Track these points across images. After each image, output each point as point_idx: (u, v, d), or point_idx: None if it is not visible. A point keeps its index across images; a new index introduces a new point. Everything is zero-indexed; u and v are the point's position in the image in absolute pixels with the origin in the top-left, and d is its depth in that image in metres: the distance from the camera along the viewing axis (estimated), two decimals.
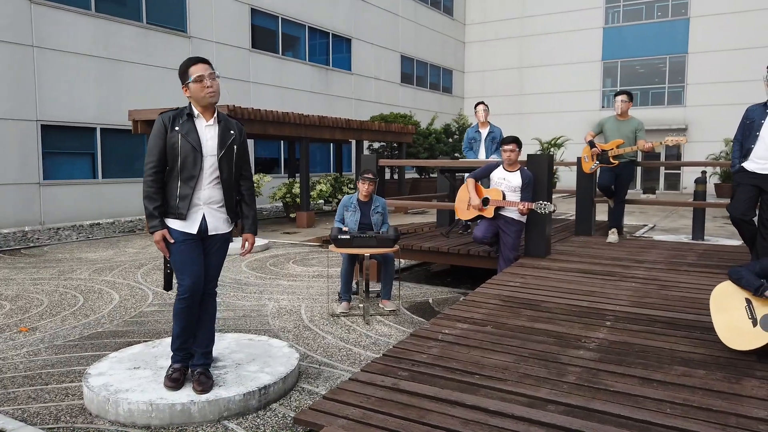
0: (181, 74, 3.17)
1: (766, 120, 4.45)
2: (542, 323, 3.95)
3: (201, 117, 3.19)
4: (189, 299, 3.12)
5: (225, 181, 3.22)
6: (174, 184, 3.12)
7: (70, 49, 12.53)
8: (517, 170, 5.52)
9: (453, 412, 2.77)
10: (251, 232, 3.50)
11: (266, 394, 3.21)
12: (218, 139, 3.19)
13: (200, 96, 3.14)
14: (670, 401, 2.80)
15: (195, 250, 3.16)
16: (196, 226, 3.16)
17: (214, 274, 3.32)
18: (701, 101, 25.26)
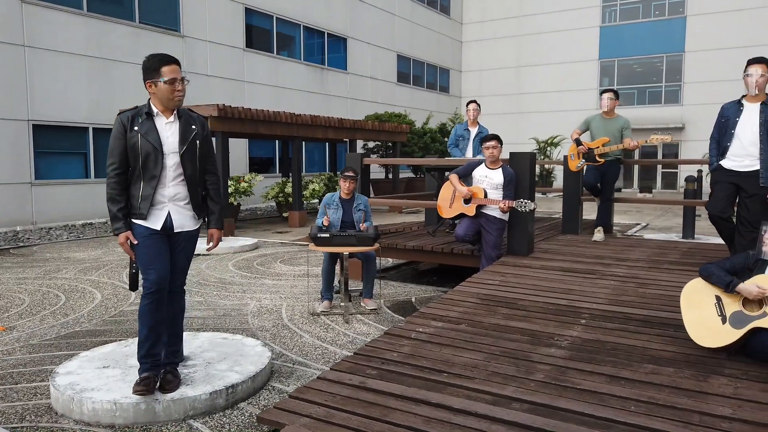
0: (149, 70, 3.10)
1: (741, 117, 4.43)
2: (517, 321, 3.93)
3: (161, 115, 3.16)
4: (155, 294, 3.10)
5: (189, 178, 3.20)
6: (137, 185, 3.11)
7: (62, 49, 12.52)
8: (498, 168, 5.50)
9: (417, 411, 2.75)
10: (217, 227, 3.46)
11: (234, 393, 3.20)
12: (179, 136, 3.16)
13: (168, 98, 3.11)
14: (635, 399, 2.79)
15: (161, 246, 3.14)
16: (160, 223, 3.14)
17: (180, 272, 3.30)
18: (698, 100, 25.23)
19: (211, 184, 3.41)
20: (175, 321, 3.33)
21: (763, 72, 4.34)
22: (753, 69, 4.37)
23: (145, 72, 3.15)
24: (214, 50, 16.28)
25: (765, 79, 4.36)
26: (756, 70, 4.36)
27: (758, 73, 4.34)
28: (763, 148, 4.35)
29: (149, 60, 3.16)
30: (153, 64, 3.14)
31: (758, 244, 3.21)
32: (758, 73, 4.34)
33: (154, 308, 3.13)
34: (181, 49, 15.30)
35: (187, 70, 15.35)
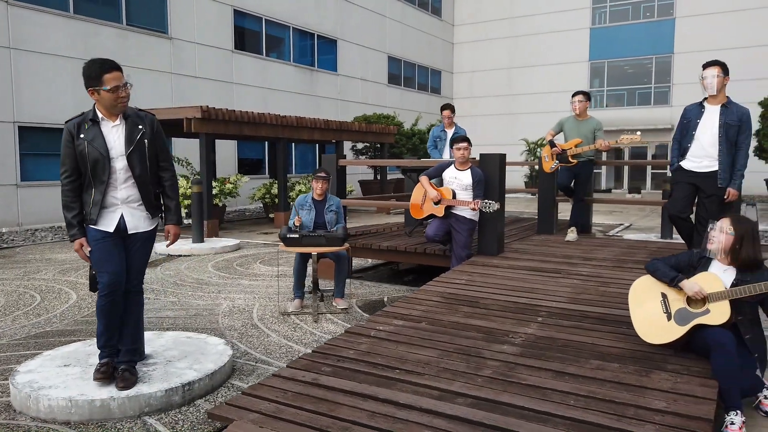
0: (90, 78, 3.11)
1: (702, 119, 4.52)
2: (476, 319, 4.01)
3: (106, 120, 3.19)
4: (108, 296, 3.17)
5: (139, 178, 3.24)
6: (89, 191, 3.17)
7: (48, 51, 12.56)
8: (467, 169, 5.58)
9: (364, 406, 2.83)
10: (173, 223, 3.48)
11: (191, 390, 3.26)
12: (125, 138, 3.19)
13: (112, 105, 3.13)
14: (576, 393, 2.87)
15: (113, 248, 3.21)
16: (113, 225, 3.21)
17: (136, 272, 3.36)
18: (687, 101, 25.04)
19: (165, 181, 3.43)
20: (134, 320, 3.39)
21: (717, 73, 4.43)
22: (707, 71, 4.47)
23: (87, 79, 3.13)
24: (202, 52, 16.33)
25: (721, 79, 4.45)
26: (710, 72, 4.45)
27: (712, 74, 4.44)
28: (721, 150, 4.44)
29: (90, 67, 3.13)
30: (93, 72, 3.11)
31: (703, 242, 3.29)
32: (712, 74, 4.44)
33: (109, 308, 3.21)
34: (169, 51, 15.35)
35: (174, 71, 15.43)
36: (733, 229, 3.16)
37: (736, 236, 3.15)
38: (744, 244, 3.13)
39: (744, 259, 3.13)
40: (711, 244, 3.24)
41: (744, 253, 3.13)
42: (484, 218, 5.71)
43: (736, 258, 3.16)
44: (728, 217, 3.24)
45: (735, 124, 4.40)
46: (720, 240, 3.19)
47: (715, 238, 3.22)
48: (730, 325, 3.08)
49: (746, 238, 3.12)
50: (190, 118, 10.15)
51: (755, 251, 3.11)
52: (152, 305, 5.51)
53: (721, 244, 3.19)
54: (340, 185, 6.62)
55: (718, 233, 3.21)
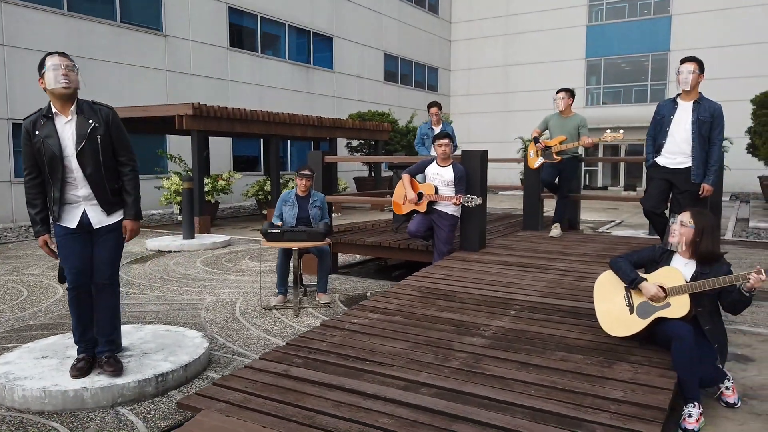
0: (39, 69, 3.14)
1: (675, 116, 4.58)
2: (450, 313, 4.07)
3: (59, 115, 3.19)
4: (73, 291, 3.26)
5: (90, 177, 3.20)
6: (49, 188, 3.22)
7: (42, 48, 12.58)
8: (449, 165, 5.64)
9: (330, 396, 2.89)
10: (131, 218, 3.42)
11: (164, 381, 3.33)
12: (76, 135, 3.17)
13: (54, 83, 3.09)
14: (538, 384, 2.93)
15: (76, 244, 3.26)
16: (75, 221, 3.26)
17: (105, 264, 3.35)
18: None
19: (125, 176, 3.38)
20: (109, 312, 3.43)
21: (693, 69, 4.49)
22: (683, 67, 4.52)
23: (38, 72, 3.16)
24: (197, 49, 16.38)
25: (696, 76, 4.50)
26: (686, 67, 4.50)
27: (688, 69, 4.49)
28: (694, 146, 4.50)
29: (40, 60, 3.18)
30: (41, 62, 3.16)
31: (666, 236, 3.35)
32: (688, 70, 4.49)
33: (76, 301, 3.30)
34: (163, 49, 15.40)
35: (169, 68, 15.48)
36: (693, 222, 3.23)
37: (696, 230, 3.21)
38: (704, 237, 3.19)
39: (703, 252, 3.19)
40: (672, 238, 3.30)
41: (704, 247, 3.19)
42: (466, 214, 5.77)
43: (696, 251, 3.23)
44: (689, 211, 3.30)
45: (707, 120, 4.46)
46: (681, 233, 3.25)
47: (677, 231, 3.28)
48: (690, 318, 3.14)
49: (706, 232, 3.18)
50: (182, 115, 10.20)
51: (714, 245, 3.17)
52: (137, 300, 5.58)
53: (682, 238, 3.25)
54: (326, 181, 6.68)
55: (679, 227, 3.27)
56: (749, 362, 3.90)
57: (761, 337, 4.42)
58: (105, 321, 3.42)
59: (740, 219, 13.41)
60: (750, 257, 8.06)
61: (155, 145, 14.50)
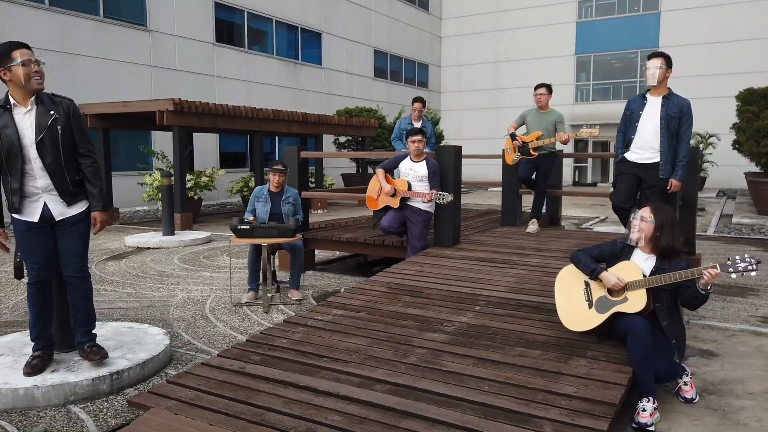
0: (1, 57, 3.08)
1: (644, 111, 4.56)
2: (415, 309, 4.05)
3: (18, 105, 3.16)
4: (35, 285, 3.20)
5: (50, 167, 3.17)
6: (6, 179, 3.17)
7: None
8: (422, 160, 5.61)
9: (283, 393, 2.86)
10: (99, 209, 3.39)
11: (119, 378, 3.29)
12: (35, 125, 3.15)
13: (26, 80, 3.08)
14: (492, 380, 2.91)
15: (39, 238, 3.22)
16: (37, 215, 3.22)
17: (73, 257, 3.31)
18: None
19: (86, 167, 3.35)
20: (82, 306, 3.39)
21: (660, 64, 4.47)
22: (651, 62, 4.51)
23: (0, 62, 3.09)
24: (183, 45, 16.27)
25: (663, 71, 4.49)
26: (653, 62, 4.49)
27: (655, 65, 4.48)
28: (663, 141, 4.48)
29: (2, 50, 3.11)
30: (3, 51, 3.10)
31: (627, 231, 3.34)
32: (655, 65, 4.47)
33: (38, 297, 3.23)
34: (148, 44, 15.28)
35: (154, 64, 15.37)
36: (653, 217, 3.21)
37: (656, 225, 3.20)
38: (663, 232, 3.18)
39: (663, 247, 3.18)
40: (632, 233, 3.29)
41: (663, 242, 3.18)
42: (439, 210, 5.75)
43: (656, 246, 3.21)
44: (649, 206, 3.29)
45: (676, 116, 4.45)
46: (641, 228, 3.24)
47: (637, 226, 3.26)
48: (648, 313, 3.13)
49: (666, 227, 3.17)
50: (162, 111, 10.13)
51: (674, 240, 3.16)
52: (107, 297, 5.53)
53: (643, 233, 3.24)
54: (302, 177, 6.64)
55: (640, 222, 3.26)
56: (713, 357, 3.89)
57: (728, 333, 4.42)
58: (83, 312, 3.39)
59: (725, 215, 13.46)
60: (728, 252, 8.09)
61: (140, 142, 14.41)
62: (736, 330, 4.47)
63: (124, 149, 14.60)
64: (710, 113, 22.74)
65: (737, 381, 3.48)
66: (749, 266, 2.94)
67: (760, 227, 10.82)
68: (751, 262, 2.94)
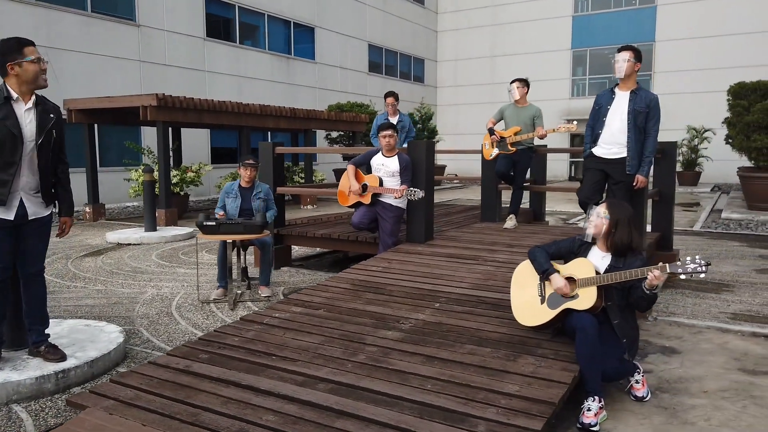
0: (10, 53, 3.11)
1: (612, 105, 4.50)
2: (375, 306, 4.01)
3: (20, 100, 3.17)
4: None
5: (42, 168, 3.26)
6: None
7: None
8: (394, 155, 5.56)
9: (223, 392, 2.82)
10: (68, 215, 3.56)
11: (66, 377, 3.26)
12: (37, 124, 3.20)
13: (35, 78, 3.15)
14: (437, 378, 2.88)
15: (6, 237, 3.21)
16: (13, 213, 3.20)
17: (34, 257, 3.35)
18: (668, 89, 25.30)
19: (62, 173, 3.50)
20: (41, 302, 3.42)
21: (629, 58, 4.41)
22: (619, 55, 4.45)
23: (5, 55, 3.13)
24: (172, 39, 16.18)
25: (631, 65, 4.43)
26: (622, 56, 4.44)
27: (624, 58, 4.42)
28: (630, 137, 4.43)
29: (6, 43, 3.16)
30: (12, 46, 3.15)
31: (584, 227, 3.29)
32: (624, 58, 4.42)
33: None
34: (137, 39, 15.21)
35: (143, 59, 15.31)
36: (608, 214, 3.17)
37: (610, 221, 3.15)
38: (618, 229, 3.13)
39: (617, 244, 3.13)
40: (588, 229, 3.24)
41: (617, 239, 3.13)
42: (411, 206, 5.70)
43: (611, 243, 3.17)
44: (605, 203, 3.25)
45: (643, 111, 4.38)
46: (596, 225, 3.20)
47: (592, 222, 3.22)
48: (598, 311, 3.08)
49: (620, 224, 3.12)
50: (146, 106, 10.07)
51: (629, 237, 3.11)
52: (76, 294, 5.50)
53: (597, 229, 3.19)
54: (277, 172, 6.59)
55: (595, 218, 3.21)
56: (674, 355, 3.85)
57: (694, 329, 4.38)
58: (38, 310, 3.41)
59: (715, 210, 13.39)
60: (711, 248, 8.04)
61: (130, 137, 14.32)
62: (702, 327, 4.43)
63: (115, 145, 14.53)
64: (706, 107, 22.65)
65: (694, 379, 3.44)
66: (698, 268, 2.89)
67: (748, 222, 10.77)
68: (700, 263, 2.89)
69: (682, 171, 21.86)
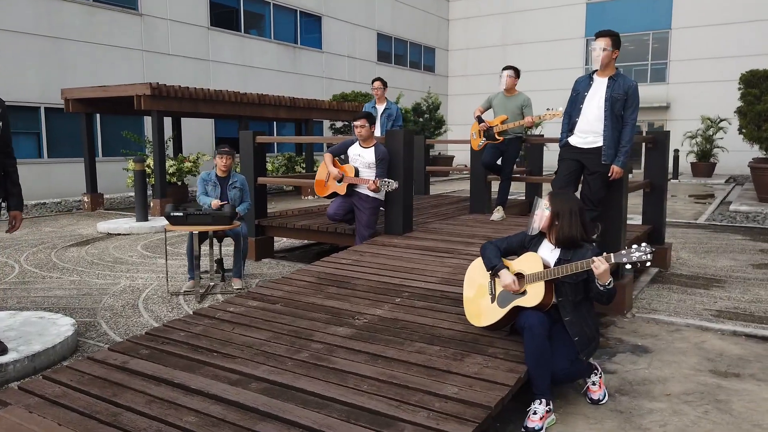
0: None
1: (589, 92, 4.29)
2: (334, 300, 3.88)
3: None
4: None
5: None
6: None
7: (11, 28, 12.43)
8: (371, 146, 5.40)
9: (152, 391, 2.71)
10: (18, 209, 3.50)
11: (4, 372, 3.18)
12: None
13: None
14: (375, 378, 2.74)
15: None
16: None
17: None
18: (684, 78, 24.75)
19: (10, 167, 3.44)
20: None
21: (605, 45, 4.19)
22: (597, 42, 4.23)
23: None
24: (176, 29, 16.11)
25: (609, 53, 4.21)
26: (598, 43, 4.21)
27: (600, 46, 4.20)
28: (606, 125, 4.21)
29: None
30: None
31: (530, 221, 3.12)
32: (600, 46, 4.20)
33: None
34: (140, 28, 15.16)
35: (146, 49, 15.26)
36: (549, 205, 2.99)
37: (551, 213, 2.98)
38: (560, 221, 2.95)
39: (559, 237, 2.96)
40: (534, 222, 3.07)
41: (560, 231, 2.96)
42: (389, 197, 5.54)
43: (554, 236, 3.00)
44: (548, 194, 3.07)
45: (621, 98, 4.16)
46: (540, 217, 3.02)
47: (537, 215, 3.04)
48: (548, 307, 2.92)
49: (562, 216, 2.95)
50: (140, 95, 10.01)
51: (571, 229, 2.93)
52: (49, 284, 5.44)
53: (539, 222, 3.02)
54: (258, 163, 6.47)
55: (538, 210, 3.04)
56: (644, 354, 3.67)
57: (672, 327, 4.18)
58: None
59: (726, 202, 13.04)
60: (711, 242, 7.79)
61: (132, 127, 14.29)
62: (681, 324, 4.23)
63: (119, 135, 14.50)
64: (722, 96, 22.08)
65: (659, 380, 3.26)
66: (643, 256, 2.70)
67: (756, 215, 10.43)
68: (645, 250, 2.71)
69: (697, 162, 21.37)
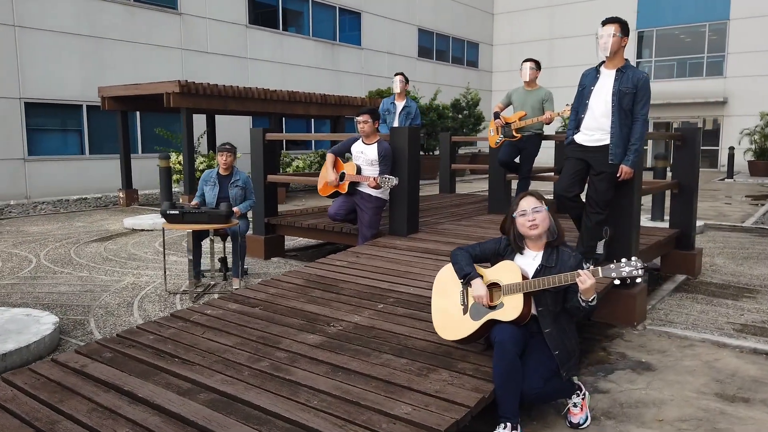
0: None
1: (596, 86, 3.96)
2: (315, 305, 3.72)
3: None
4: None
5: None
6: None
7: (52, 28, 12.83)
8: (374, 143, 5.21)
9: (99, 398, 2.62)
10: None
11: None
12: None
13: None
14: (328, 392, 2.57)
15: None
16: None
17: None
18: (743, 71, 23.43)
19: None
20: None
21: (614, 32, 3.86)
22: (604, 30, 3.90)
23: None
24: (214, 27, 16.31)
25: (618, 39, 3.88)
26: (606, 30, 3.88)
27: (608, 33, 3.87)
28: (614, 121, 3.88)
29: None
30: None
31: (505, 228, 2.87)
32: (608, 33, 3.87)
33: None
34: (179, 27, 15.41)
35: (185, 47, 15.51)
36: (544, 203, 2.74)
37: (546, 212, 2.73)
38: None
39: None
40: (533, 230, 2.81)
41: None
42: (393, 197, 5.34)
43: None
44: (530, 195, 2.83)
45: (630, 92, 3.82)
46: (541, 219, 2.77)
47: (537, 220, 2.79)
48: (526, 320, 2.66)
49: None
50: (169, 93, 10.13)
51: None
52: (57, 280, 5.50)
53: (543, 223, 2.77)
54: (268, 160, 6.38)
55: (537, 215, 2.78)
56: (645, 372, 3.35)
57: (685, 342, 3.82)
58: None
59: None
60: (753, 247, 7.24)
61: (171, 125, 14.52)
62: (696, 339, 3.86)
63: (149, 131, 14.79)
64: None
65: (655, 403, 2.95)
66: (634, 271, 2.42)
67: None
68: (636, 266, 2.43)
69: (755, 160, 20.20)
